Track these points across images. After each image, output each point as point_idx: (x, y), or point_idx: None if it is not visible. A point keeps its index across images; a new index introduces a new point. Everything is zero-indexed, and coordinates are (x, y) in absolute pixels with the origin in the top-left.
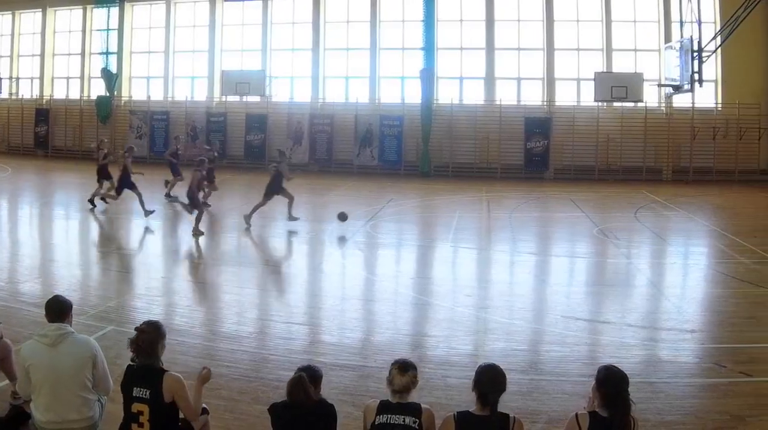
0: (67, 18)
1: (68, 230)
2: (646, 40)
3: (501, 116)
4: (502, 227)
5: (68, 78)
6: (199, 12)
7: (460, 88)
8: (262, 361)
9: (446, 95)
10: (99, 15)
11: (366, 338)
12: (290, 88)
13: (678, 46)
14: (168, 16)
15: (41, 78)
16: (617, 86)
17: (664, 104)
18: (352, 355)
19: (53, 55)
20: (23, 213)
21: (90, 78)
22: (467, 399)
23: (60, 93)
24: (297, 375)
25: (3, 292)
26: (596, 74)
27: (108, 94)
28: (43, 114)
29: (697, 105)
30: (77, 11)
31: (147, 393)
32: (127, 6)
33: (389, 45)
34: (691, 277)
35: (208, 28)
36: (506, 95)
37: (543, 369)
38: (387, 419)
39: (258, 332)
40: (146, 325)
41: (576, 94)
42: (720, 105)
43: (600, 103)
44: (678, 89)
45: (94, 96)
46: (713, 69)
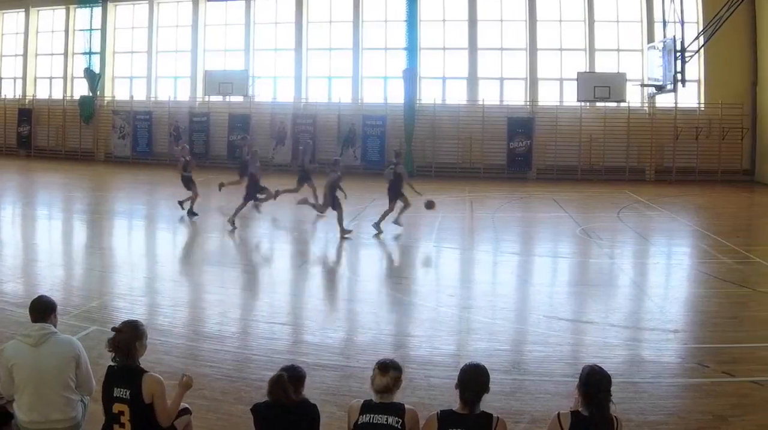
0: (50, 18)
1: (51, 230)
2: (629, 40)
3: (484, 116)
4: (485, 227)
5: (51, 78)
6: (182, 12)
7: (443, 88)
8: (245, 361)
9: (429, 95)
10: (82, 15)
11: (349, 338)
12: (273, 88)
13: (661, 46)
14: (151, 16)
15: (24, 78)
16: (600, 86)
17: (647, 104)
18: (335, 355)
19: (36, 55)
20: (5, 213)
21: (73, 78)
22: (450, 399)
23: (43, 93)
24: (277, 374)
25: None
26: (579, 74)
27: (91, 94)
28: (26, 114)
29: (680, 105)
30: (60, 11)
31: (127, 393)
32: (110, 6)
33: (372, 45)
34: (674, 277)
35: (191, 28)
36: (489, 95)
37: (526, 369)
38: (370, 419)
39: (241, 332)
40: (123, 325)
41: (559, 94)
42: (703, 105)
43: (583, 103)
44: (661, 89)
45: (77, 96)
46: (696, 69)
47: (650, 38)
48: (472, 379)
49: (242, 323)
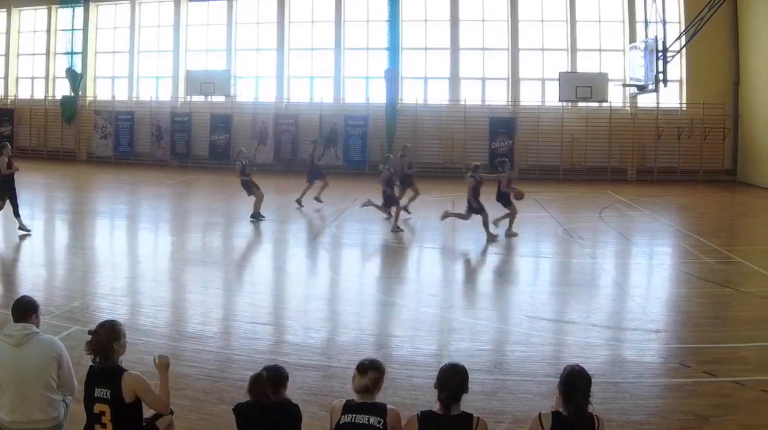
0: (32, 18)
1: (33, 230)
2: (611, 40)
3: (465, 116)
4: (467, 227)
5: (33, 78)
6: (164, 12)
7: (425, 88)
8: (227, 361)
9: (411, 95)
10: (64, 15)
11: (330, 338)
12: (255, 88)
13: (642, 46)
14: (133, 16)
15: (6, 78)
16: (582, 86)
17: (629, 104)
18: (317, 355)
19: (18, 55)
20: None
21: (55, 78)
22: (432, 399)
23: (25, 93)
24: (256, 374)
25: None
26: (561, 74)
27: (73, 94)
28: (8, 114)
29: (662, 105)
30: (42, 11)
31: (108, 393)
32: (92, 6)
33: (354, 45)
34: (656, 277)
35: (173, 28)
36: (471, 95)
37: (508, 369)
38: (352, 419)
39: (223, 332)
40: (99, 327)
41: (541, 94)
42: (684, 105)
43: (565, 103)
44: (643, 89)
45: (59, 96)
46: (678, 69)
47: (632, 38)
48: (449, 379)
49: (224, 323)
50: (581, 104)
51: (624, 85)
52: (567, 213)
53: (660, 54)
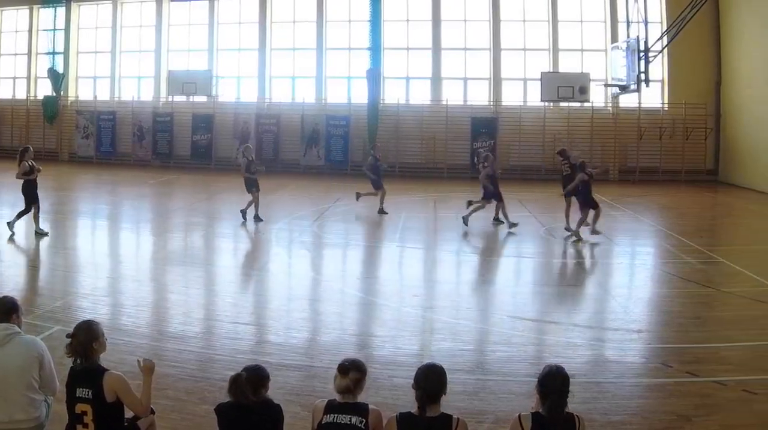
0: (14, 18)
1: (15, 230)
2: (593, 40)
3: (447, 116)
4: (449, 227)
5: (14, 78)
6: (146, 12)
7: (407, 88)
8: (209, 361)
9: (393, 95)
10: (45, 15)
11: (312, 338)
12: (236, 88)
13: (624, 46)
14: (114, 16)
15: None
16: (564, 86)
17: (611, 104)
18: (299, 355)
19: None
20: None
21: (36, 78)
22: (413, 399)
23: (6, 93)
24: (235, 374)
25: None
26: (543, 74)
27: (54, 94)
28: None
29: (644, 105)
30: (23, 11)
31: (89, 393)
32: (74, 6)
33: (336, 45)
34: (638, 277)
35: (155, 28)
36: (452, 95)
37: (489, 369)
38: (334, 419)
39: (204, 332)
40: (76, 329)
41: (522, 94)
42: (666, 105)
43: (546, 103)
44: (624, 89)
45: (41, 96)
46: (660, 69)
47: (614, 38)
48: (426, 378)
49: (206, 323)
50: (563, 104)
51: (606, 85)
52: (549, 213)
53: (642, 54)
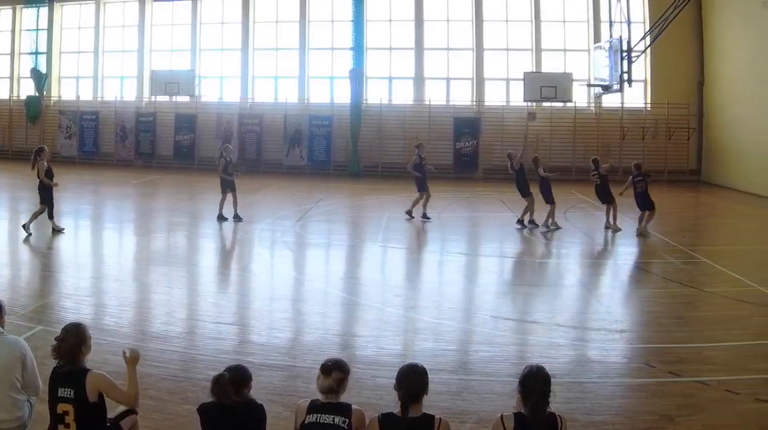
0: None
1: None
2: (576, 40)
3: (430, 116)
4: (432, 227)
5: None
6: (129, 12)
7: (389, 88)
8: (191, 361)
9: (375, 95)
10: (28, 15)
11: (295, 338)
12: (219, 88)
13: (607, 46)
14: (97, 16)
15: None
16: (546, 86)
17: (594, 104)
18: (281, 355)
19: None
20: None
21: (19, 78)
22: (396, 399)
23: None
24: (218, 374)
25: None
26: (525, 74)
27: (37, 94)
28: None
29: (627, 105)
30: (6, 11)
31: (71, 393)
32: (57, 6)
33: (318, 45)
34: (620, 277)
35: (138, 28)
36: (435, 95)
37: (472, 369)
38: (317, 418)
39: (187, 332)
40: (65, 332)
41: (505, 94)
42: (649, 105)
43: (529, 103)
44: (607, 89)
45: (24, 96)
46: (642, 69)
47: (597, 38)
48: (407, 378)
49: (189, 323)
50: (546, 104)
51: (589, 85)
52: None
53: (624, 54)
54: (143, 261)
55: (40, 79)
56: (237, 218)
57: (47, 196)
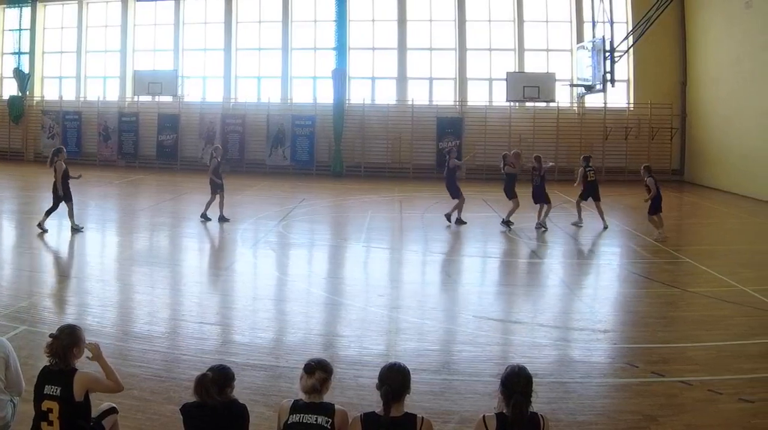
0: None
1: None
2: (558, 40)
3: (413, 116)
4: (415, 227)
5: None
6: (111, 12)
7: (372, 88)
8: (174, 361)
9: (358, 95)
10: (11, 15)
11: (278, 338)
12: (202, 88)
13: (590, 46)
14: (80, 16)
15: None
16: (529, 86)
17: (576, 104)
18: (264, 355)
19: None
20: None
21: (2, 78)
22: (379, 399)
23: None
24: (200, 374)
25: None
26: (508, 74)
27: (20, 94)
28: None
29: (609, 105)
30: None
31: (58, 390)
32: (39, 6)
33: (301, 45)
34: (604, 277)
35: (120, 28)
36: (418, 95)
37: (455, 369)
38: (300, 418)
39: (170, 332)
40: (60, 331)
41: (488, 94)
42: (632, 105)
43: (512, 103)
44: (590, 89)
45: (6, 96)
46: (625, 69)
47: (579, 38)
48: (388, 377)
49: (171, 323)
50: (529, 104)
51: (571, 85)
52: (515, 213)
53: (607, 54)
54: (126, 261)
55: (23, 79)
56: (222, 219)
57: (66, 195)
